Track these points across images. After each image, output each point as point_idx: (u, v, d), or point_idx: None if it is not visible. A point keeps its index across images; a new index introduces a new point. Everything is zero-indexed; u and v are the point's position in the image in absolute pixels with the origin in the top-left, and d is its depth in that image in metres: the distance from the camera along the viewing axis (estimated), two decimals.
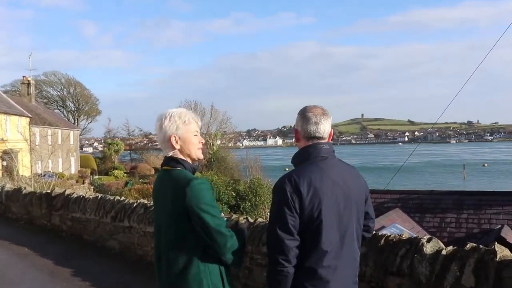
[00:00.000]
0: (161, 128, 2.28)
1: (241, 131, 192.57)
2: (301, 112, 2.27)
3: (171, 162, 2.27)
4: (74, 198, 8.30)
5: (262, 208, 20.09)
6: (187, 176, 2.19)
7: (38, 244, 7.64)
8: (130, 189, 23.70)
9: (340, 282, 2.09)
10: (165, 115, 2.30)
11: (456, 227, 9.23)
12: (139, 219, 6.29)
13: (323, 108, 2.28)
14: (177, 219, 2.14)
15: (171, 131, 2.27)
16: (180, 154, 2.28)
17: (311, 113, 2.23)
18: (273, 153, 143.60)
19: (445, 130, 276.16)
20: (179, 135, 2.27)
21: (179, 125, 2.27)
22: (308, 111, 2.25)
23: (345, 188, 2.14)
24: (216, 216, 2.13)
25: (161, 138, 2.31)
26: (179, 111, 2.33)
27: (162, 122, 2.29)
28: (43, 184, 15.21)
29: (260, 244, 4.29)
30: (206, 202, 2.11)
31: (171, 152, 2.29)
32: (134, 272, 5.76)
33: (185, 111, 2.34)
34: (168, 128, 2.27)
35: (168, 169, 2.26)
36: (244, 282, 4.45)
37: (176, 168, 2.25)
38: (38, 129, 33.42)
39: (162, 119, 2.29)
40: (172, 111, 2.32)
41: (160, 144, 2.35)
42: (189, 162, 2.29)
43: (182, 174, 2.21)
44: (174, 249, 2.17)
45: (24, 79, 40.73)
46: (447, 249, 3.14)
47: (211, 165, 34.16)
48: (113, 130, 53.69)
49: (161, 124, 2.29)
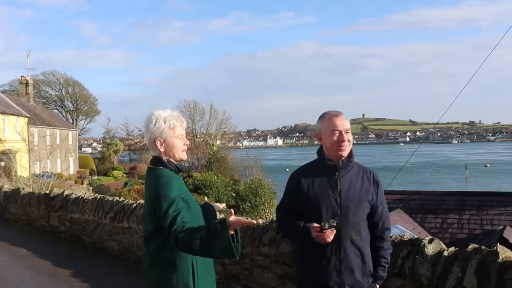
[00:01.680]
0: (148, 131, 2.41)
1: (241, 131, 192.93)
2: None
3: (153, 161, 2.41)
4: (73, 199, 8.27)
5: (262, 208, 20.06)
6: (160, 173, 2.33)
7: (37, 245, 7.62)
8: (129, 189, 23.67)
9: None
10: (151, 119, 2.41)
11: (458, 228, 9.20)
12: (138, 220, 6.26)
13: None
14: (151, 214, 2.29)
15: (156, 135, 2.39)
16: (164, 155, 2.40)
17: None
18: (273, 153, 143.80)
19: (447, 130, 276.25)
20: (164, 139, 2.39)
21: (164, 129, 2.39)
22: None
23: None
24: (172, 215, 2.17)
25: (147, 140, 2.45)
26: (165, 115, 2.41)
27: (148, 125, 2.40)
28: (42, 185, 15.20)
29: (261, 245, 4.25)
30: (166, 200, 2.20)
31: (156, 153, 2.42)
32: (133, 273, 5.73)
33: (171, 115, 2.43)
34: (154, 132, 2.38)
35: (152, 168, 2.40)
36: (244, 283, 4.42)
37: (157, 167, 2.37)
38: (36, 129, 33.39)
39: (148, 122, 2.41)
40: (158, 114, 2.41)
41: (147, 145, 2.48)
42: (172, 162, 2.41)
43: (160, 172, 2.34)
44: (148, 243, 2.33)
45: (22, 78, 40.61)
46: (448, 250, 3.12)
47: (211, 166, 34.11)
48: (112, 130, 53.66)
49: (147, 127, 2.40)
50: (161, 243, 2.25)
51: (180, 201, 2.23)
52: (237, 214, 5.60)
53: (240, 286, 4.45)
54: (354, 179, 2.50)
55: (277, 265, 4.10)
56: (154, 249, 2.29)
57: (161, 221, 2.20)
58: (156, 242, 2.27)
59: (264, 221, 4.64)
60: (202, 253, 2.13)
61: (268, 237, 4.22)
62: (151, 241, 2.30)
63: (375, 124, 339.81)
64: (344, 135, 2.49)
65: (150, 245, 2.31)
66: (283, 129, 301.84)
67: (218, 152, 38.16)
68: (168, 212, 2.17)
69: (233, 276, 4.51)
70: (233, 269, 4.54)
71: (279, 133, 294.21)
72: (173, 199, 2.21)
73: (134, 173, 39.19)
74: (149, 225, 2.31)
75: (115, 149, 46.90)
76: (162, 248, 2.25)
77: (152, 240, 2.29)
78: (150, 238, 2.31)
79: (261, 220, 4.71)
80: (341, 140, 2.46)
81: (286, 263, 4.00)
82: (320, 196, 2.47)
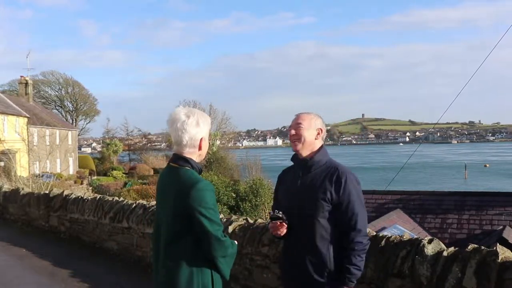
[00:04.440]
0: (191, 127, 2.26)
1: (241, 131, 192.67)
2: (320, 117, 2.67)
3: (179, 160, 2.28)
4: (72, 199, 8.27)
5: (262, 208, 20.05)
6: (193, 176, 2.22)
7: (36, 245, 7.61)
8: (129, 189, 23.64)
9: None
10: (198, 114, 2.30)
11: (458, 228, 9.20)
12: (138, 220, 6.26)
13: None
14: (178, 218, 2.19)
15: (201, 134, 2.30)
16: (194, 154, 2.30)
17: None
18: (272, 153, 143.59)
19: (446, 130, 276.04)
20: (205, 138, 2.33)
21: (207, 129, 2.33)
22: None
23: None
24: (215, 221, 2.17)
25: (190, 136, 2.27)
26: (205, 114, 2.37)
27: (194, 122, 2.27)
28: (41, 185, 15.20)
29: (260, 245, 4.25)
30: (208, 206, 2.15)
31: (188, 151, 2.28)
32: (133, 273, 5.73)
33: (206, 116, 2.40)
34: (201, 130, 2.29)
35: (176, 167, 2.28)
36: (244, 283, 4.42)
37: (184, 167, 2.26)
38: (36, 130, 33.39)
39: (193, 119, 2.28)
40: (201, 113, 2.33)
41: (184, 141, 2.27)
42: (197, 162, 2.31)
43: (189, 173, 2.24)
44: (171, 245, 2.21)
45: (21, 78, 40.58)
46: (448, 250, 3.12)
47: (211, 166, 34.06)
48: (111, 130, 53.61)
49: (197, 123, 2.27)
50: (188, 248, 2.18)
51: (218, 212, 2.24)
52: (237, 214, 5.60)
53: (239, 286, 4.44)
54: (317, 177, 2.53)
55: (277, 265, 4.08)
56: (179, 252, 2.20)
57: (196, 224, 2.15)
58: (182, 245, 2.19)
59: (263, 221, 4.63)
60: (225, 265, 2.23)
61: (268, 237, 4.21)
62: (175, 244, 2.21)
63: (375, 124, 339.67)
64: (291, 131, 2.62)
65: (174, 247, 2.21)
66: (282, 129, 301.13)
67: (217, 152, 38.13)
68: (210, 217, 2.15)
69: (232, 276, 4.51)
70: (232, 269, 4.53)
71: (279, 133, 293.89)
72: (213, 203, 2.18)
73: (134, 173, 39.18)
74: (174, 227, 2.21)
75: (115, 149, 46.87)
76: (188, 253, 2.18)
77: (176, 243, 2.21)
78: (173, 241, 2.21)
79: (261, 220, 4.71)
80: (290, 136, 2.63)
81: None
82: (284, 192, 2.67)
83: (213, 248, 2.16)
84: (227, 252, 2.22)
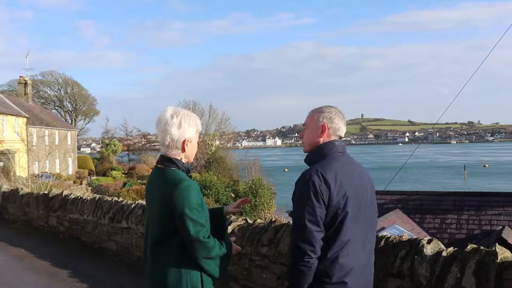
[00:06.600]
0: (174, 128, 2.24)
1: (240, 131, 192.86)
2: (333, 109, 2.40)
3: (165, 161, 2.27)
4: (71, 199, 8.26)
5: (261, 208, 20.06)
6: (178, 176, 2.20)
7: (35, 245, 7.61)
8: (128, 190, 23.59)
9: (361, 272, 2.20)
10: (181, 117, 2.26)
11: (457, 228, 9.20)
12: (137, 220, 6.25)
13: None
14: (163, 218, 2.17)
15: (185, 135, 2.26)
16: (179, 155, 2.28)
17: (340, 113, 2.40)
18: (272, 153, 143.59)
19: (445, 130, 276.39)
20: (190, 140, 2.29)
21: (193, 130, 2.29)
22: (338, 110, 2.40)
23: (361, 182, 2.30)
24: (198, 221, 2.14)
25: (168, 138, 2.25)
26: (192, 114, 2.33)
27: (177, 123, 2.24)
28: (40, 185, 15.19)
29: (259, 245, 4.25)
30: (191, 206, 2.13)
31: (172, 152, 2.27)
32: (132, 274, 5.73)
33: (196, 116, 2.35)
34: (185, 131, 2.25)
35: (162, 168, 2.27)
36: (243, 284, 4.42)
37: (169, 167, 2.25)
38: (35, 130, 33.34)
39: (177, 120, 2.25)
40: (187, 114, 2.30)
41: (167, 142, 2.27)
42: (183, 163, 2.29)
43: (174, 174, 2.22)
44: (158, 246, 2.20)
45: (21, 78, 40.49)
46: (447, 250, 3.12)
47: (210, 166, 34.09)
48: (111, 131, 53.53)
49: (176, 125, 2.24)
50: (175, 249, 2.16)
51: (203, 206, 2.20)
52: (236, 214, 5.59)
53: (238, 286, 4.44)
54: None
55: (276, 265, 4.09)
56: (166, 253, 2.18)
57: (179, 225, 2.12)
58: (168, 246, 2.18)
59: (262, 221, 4.63)
60: (211, 265, 2.18)
61: (267, 237, 4.21)
62: (161, 244, 2.20)
63: (374, 125, 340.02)
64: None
65: (160, 248, 2.20)
66: (282, 129, 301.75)
67: (217, 152, 38.15)
68: (193, 217, 2.11)
69: (231, 276, 4.50)
70: (231, 269, 4.53)
71: (278, 133, 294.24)
72: (197, 203, 2.15)
73: (133, 173, 39.12)
74: (159, 228, 2.20)
75: (114, 150, 46.79)
76: (175, 253, 2.16)
77: (162, 244, 2.19)
78: (159, 241, 2.20)
79: (260, 220, 4.71)
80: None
81: (285, 264, 3.99)
82: None
83: (195, 249, 2.12)
84: (210, 254, 2.16)
